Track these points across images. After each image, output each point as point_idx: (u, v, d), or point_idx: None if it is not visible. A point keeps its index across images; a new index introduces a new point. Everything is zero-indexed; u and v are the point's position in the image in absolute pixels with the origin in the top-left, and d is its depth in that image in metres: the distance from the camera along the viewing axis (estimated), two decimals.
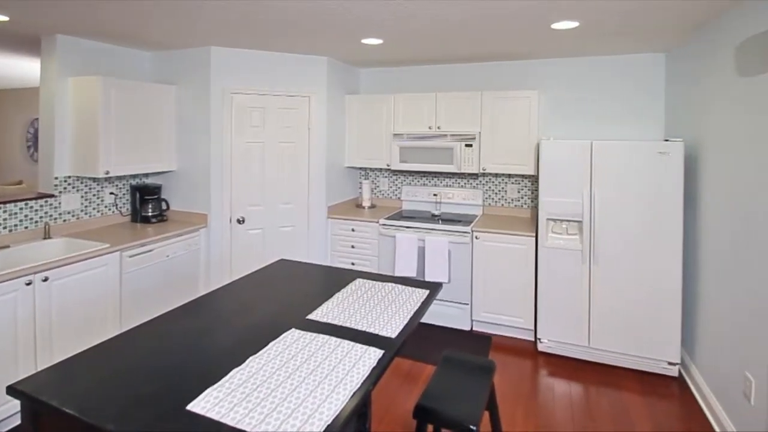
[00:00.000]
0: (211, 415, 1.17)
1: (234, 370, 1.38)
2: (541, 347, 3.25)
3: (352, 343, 1.57)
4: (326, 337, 1.62)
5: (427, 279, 3.61)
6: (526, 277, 3.39)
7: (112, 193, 3.51)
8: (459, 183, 4.23)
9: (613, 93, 3.73)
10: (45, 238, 2.94)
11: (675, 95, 3.34)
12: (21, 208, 2.90)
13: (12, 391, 1.28)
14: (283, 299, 2.00)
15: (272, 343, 1.57)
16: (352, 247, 3.95)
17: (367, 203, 4.35)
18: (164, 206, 3.70)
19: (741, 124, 2.26)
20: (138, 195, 3.53)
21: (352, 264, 3.97)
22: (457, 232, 3.56)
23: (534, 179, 3.96)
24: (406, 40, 3.21)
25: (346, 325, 1.74)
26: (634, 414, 2.55)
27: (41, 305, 2.43)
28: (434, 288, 2.16)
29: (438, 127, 3.93)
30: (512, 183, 4.04)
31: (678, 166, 2.84)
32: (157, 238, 3.13)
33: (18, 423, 2.37)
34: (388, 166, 4.12)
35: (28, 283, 2.37)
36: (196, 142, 3.60)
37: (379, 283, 2.20)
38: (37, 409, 1.27)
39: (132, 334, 1.63)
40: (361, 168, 4.64)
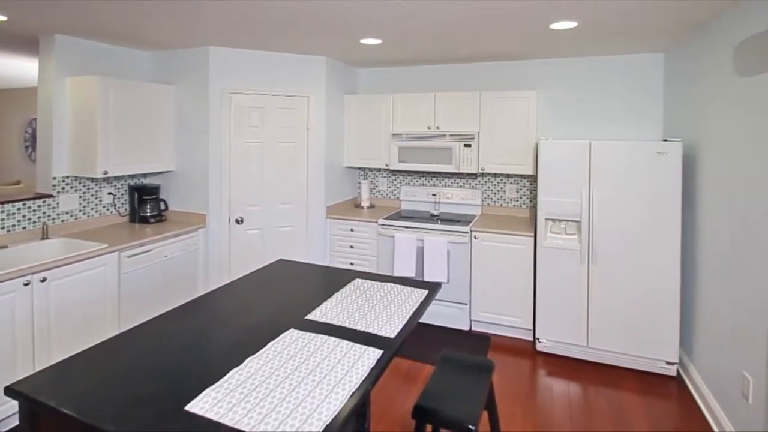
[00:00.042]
0: (209, 416, 1.17)
1: (233, 371, 1.38)
2: (539, 347, 3.26)
3: (351, 343, 1.57)
4: (325, 337, 1.62)
5: (426, 279, 3.61)
6: (524, 277, 3.39)
7: (110, 194, 3.51)
8: (458, 183, 4.23)
9: (611, 93, 3.73)
10: (43, 239, 2.93)
11: (673, 95, 3.34)
12: (19, 209, 2.90)
13: (10, 392, 1.27)
14: (281, 299, 2.00)
15: (271, 344, 1.57)
16: (351, 247, 3.95)
17: (365, 203, 4.35)
18: (163, 206, 3.70)
19: (739, 124, 2.26)
20: (136, 195, 3.52)
21: (351, 264, 3.97)
22: (455, 232, 3.57)
23: (533, 179, 3.97)
24: (405, 40, 3.21)
25: (345, 325, 1.74)
26: (632, 413, 2.55)
27: (39, 306, 2.43)
28: (433, 288, 2.16)
29: (437, 127, 3.93)
30: (511, 183, 4.04)
31: (676, 166, 2.85)
32: (155, 239, 3.12)
33: (16, 424, 2.37)
34: (386, 166, 4.13)
35: (26, 284, 2.36)
36: (194, 142, 3.60)
37: (378, 283, 2.21)
38: (35, 409, 1.26)
39: (130, 334, 1.62)
40: (359, 168, 4.64)
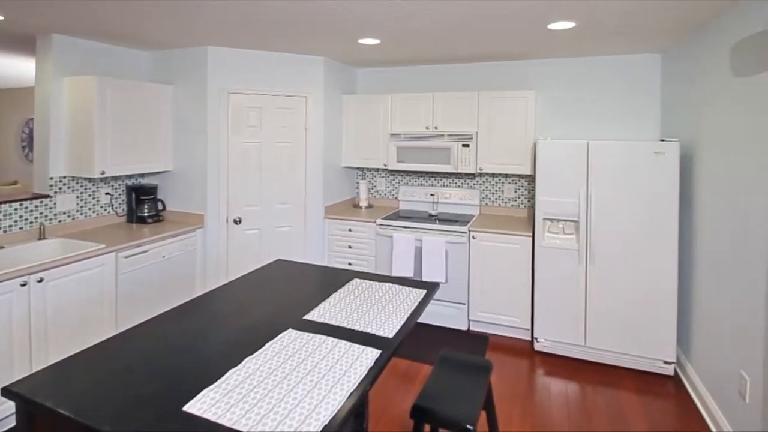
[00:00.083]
0: (207, 416, 1.16)
1: (231, 371, 1.38)
2: (537, 347, 3.26)
3: (349, 344, 1.57)
4: (323, 337, 1.62)
5: (424, 279, 3.61)
6: (522, 277, 3.39)
7: (107, 194, 3.50)
8: (456, 183, 4.23)
9: (609, 93, 3.74)
10: (40, 239, 2.93)
11: (671, 95, 3.35)
12: (16, 209, 2.89)
13: (7, 393, 1.27)
14: (279, 300, 1.99)
15: (269, 344, 1.56)
16: (349, 247, 3.95)
17: (364, 203, 4.35)
18: (160, 206, 3.69)
19: (736, 124, 2.27)
20: (134, 195, 3.51)
21: (349, 264, 3.97)
22: (454, 232, 3.57)
23: (531, 179, 3.97)
24: (405, 40, 3.21)
25: (343, 325, 1.74)
26: (630, 413, 2.56)
27: (36, 306, 2.42)
28: (431, 288, 2.16)
29: (435, 127, 3.93)
30: (509, 183, 4.04)
31: (674, 166, 2.85)
32: (153, 239, 3.12)
33: (13, 425, 2.36)
34: (385, 166, 4.12)
35: (23, 284, 2.35)
36: (192, 142, 3.59)
37: (376, 283, 2.20)
38: (32, 410, 1.26)
39: (128, 335, 1.62)
40: (358, 168, 4.63)
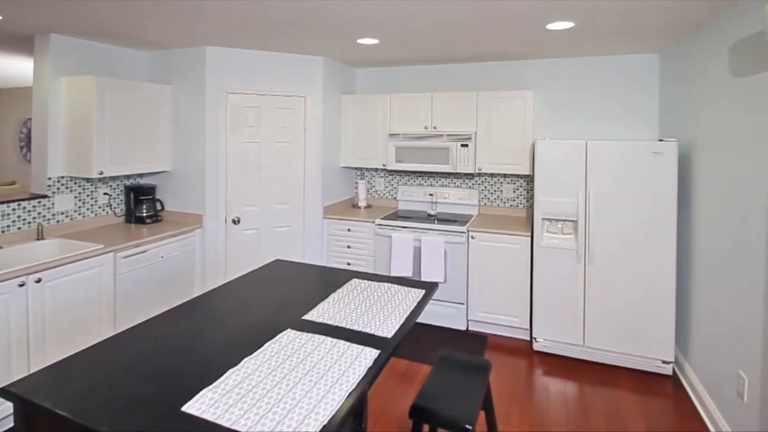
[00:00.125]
0: (206, 417, 1.16)
1: (229, 371, 1.38)
2: (536, 346, 3.26)
3: (348, 344, 1.57)
4: (322, 337, 1.62)
5: (423, 279, 3.61)
6: (521, 277, 3.40)
7: (106, 194, 3.49)
8: (455, 183, 4.23)
9: (608, 93, 3.74)
10: (38, 239, 2.92)
11: (669, 95, 3.36)
12: (14, 209, 2.88)
13: (4, 394, 1.26)
14: (278, 300, 1.99)
15: (268, 344, 1.56)
16: (348, 247, 3.95)
17: (363, 203, 4.35)
18: (159, 207, 3.68)
19: (734, 125, 2.27)
20: (132, 195, 3.51)
21: (348, 264, 3.97)
22: (453, 231, 3.57)
23: (529, 179, 3.98)
24: (404, 40, 3.20)
25: (342, 325, 1.73)
26: (628, 412, 2.56)
27: (34, 307, 2.42)
28: (430, 288, 2.16)
29: (434, 127, 3.93)
30: (508, 183, 4.05)
31: (672, 166, 2.86)
32: (151, 239, 3.11)
33: (11, 425, 2.35)
34: (384, 166, 4.12)
35: (21, 285, 2.35)
36: (191, 142, 3.59)
37: (375, 283, 2.20)
38: (30, 411, 1.26)
39: (126, 335, 1.62)
40: (356, 168, 4.63)
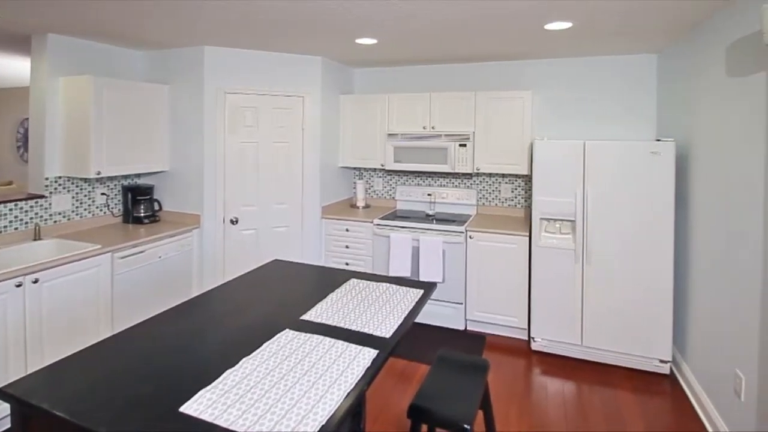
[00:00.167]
0: (204, 417, 1.16)
1: (227, 372, 1.38)
2: (534, 346, 3.27)
3: (347, 344, 1.57)
4: (320, 337, 1.62)
5: (422, 279, 3.61)
6: (519, 277, 3.40)
7: (103, 194, 3.48)
8: (453, 183, 4.24)
9: (606, 93, 3.75)
10: (35, 240, 2.91)
11: (667, 95, 3.37)
12: (11, 209, 2.87)
13: (1, 395, 1.26)
14: (276, 300, 1.99)
15: (266, 344, 1.56)
16: (347, 247, 3.95)
17: (361, 203, 4.35)
18: (156, 207, 3.68)
19: (731, 124, 2.28)
20: (130, 195, 3.50)
21: (347, 264, 3.97)
22: (451, 231, 3.57)
23: (528, 179, 3.98)
24: (404, 40, 3.20)
25: (341, 325, 1.73)
26: (626, 412, 2.56)
27: (31, 307, 2.41)
28: (428, 288, 2.16)
29: (432, 127, 3.93)
30: (506, 183, 4.05)
31: (669, 166, 2.87)
32: (149, 239, 3.10)
33: (8, 427, 2.34)
34: (382, 166, 4.12)
35: (18, 285, 2.34)
36: (189, 142, 3.58)
37: (374, 283, 2.20)
38: (27, 412, 1.25)
39: (124, 335, 1.61)
40: (355, 168, 4.63)
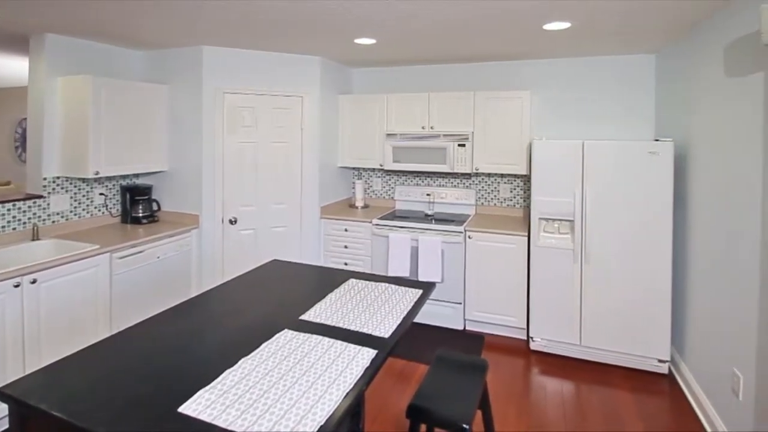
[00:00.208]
0: (203, 417, 1.16)
1: (226, 372, 1.38)
2: (533, 346, 3.27)
3: (345, 344, 1.57)
4: (319, 337, 1.62)
5: (420, 279, 3.61)
6: (518, 277, 3.40)
7: (101, 194, 3.47)
8: (452, 183, 4.24)
9: (605, 93, 3.76)
10: (33, 240, 2.90)
11: (665, 95, 3.37)
12: (9, 209, 2.86)
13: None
14: (275, 300, 1.99)
15: (265, 344, 1.56)
16: (345, 248, 3.95)
17: (360, 203, 4.35)
18: (155, 207, 3.67)
19: (729, 124, 2.28)
20: (128, 195, 3.49)
21: (345, 264, 3.97)
22: (450, 231, 3.57)
23: (526, 179, 3.99)
24: (403, 40, 3.20)
25: (339, 325, 1.73)
26: (624, 411, 2.57)
27: (29, 307, 2.40)
28: (427, 288, 2.16)
29: (431, 127, 3.94)
30: (505, 183, 4.05)
31: (668, 166, 2.87)
32: (147, 239, 3.10)
33: (5, 428, 2.34)
34: (381, 166, 4.12)
35: (16, 285, 2.33)
36: (187, 142, 3.58)
37: (373, 283, 2.20)
38: (25, 413, 1.25)
39: (122, 336, 1.61)
40: (354, 168, 4.63)
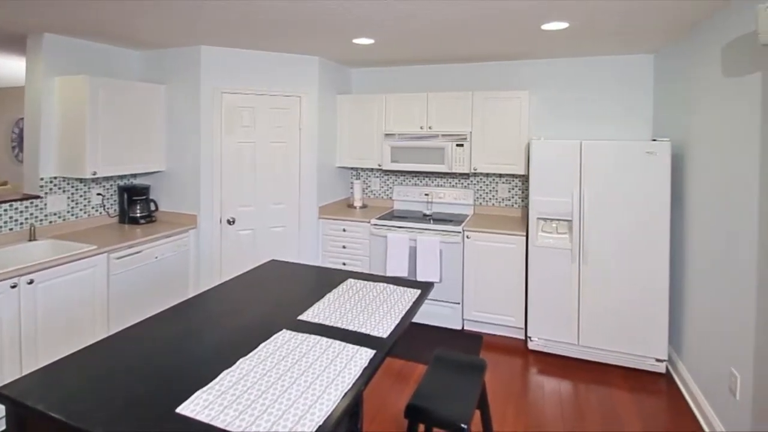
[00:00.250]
0: (200, 418, 1.16)
1: (224, 372, 1.37)
2: (531, 346, 3.28)
3: (344, 344, 1.57)
4: (317, 337, 1.62)
5: (419, 279, 3.61)
6: (516, 276, 3.41)
7: (99, 194, 3.46)
8: (450, 183, 4.24)
9: (603, 93, 3.76)
10: (30, 240, 2.89)
11: (663, 95, 3.38)
12: (6, 210, 2.85)
13: None
14: (273, 300, 1.99)
15: (263, 345, 1.56)
16: (344, 248, 3.95)
17: (358, 203, 4.35)
18: (153, 207, 3.66)
19: (727, 124, 2.29)
20: (126, 196, 3.48)
21: (344, 264, 3.97)
22: (448, 231, 3.57)
23: (524, 179, 3.99)
24: (402, 40, 3.20)
25: (338, 325, 1.73)
26: (622, 411, 2.57)
27: (27, 308, 2.39)
28: (426, 288, 2.16)
29: (429, 127, 3.94)
30: (503, 182, 4.06)
31: (665, 166, 2.88)
32: (145, 240, 3.09)
33: (3, 428, 2.33)
34: (379, 166, 4.12)
35: (13, 286, 2.33)
36: (185, 141, 3.57)
37: (371, 283, 2.20)
38: (23, 413, 1.25)
39: (120, 336, 1.61)
40: (352, 168, 4.63)
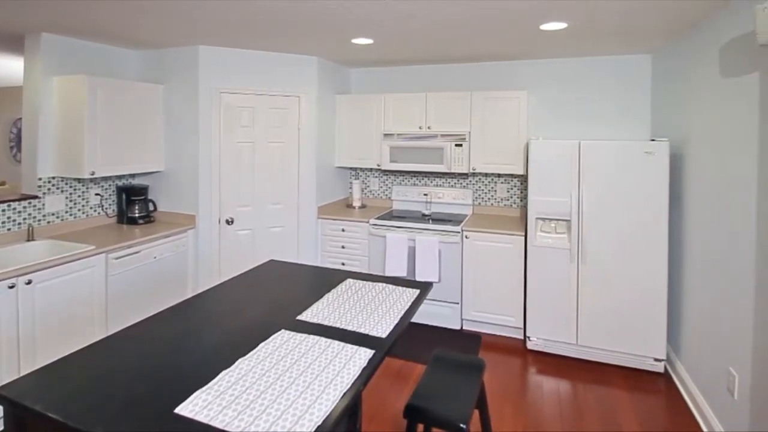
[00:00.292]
0: (199, 418, 1.16)
1: (223, 372, 1.37)
2: (530, 345, 3.28)
3: (343, 344, 1.57)
4: (316, 337, 1.62)
5: (418, 279, 3.62)
6: (515, 276, 3.41)
7: (97, 194, 3.46)
8: (449, 183, 4.24)
9: (602, 93, 3.77)
10: (28, 240, 2.88)
11: (661, 96, 3.39)
12: (3, 210, 2.85)
13: None
14: (272, 300, 1.98)
15: (262, 345, 1.56)
16: (343, 248, 3.94)
17: (357, 203, 4.35)
18: (151, 207, 3.66)
19: (725, 124, 2.30)
20: (124, 196, 3.48)
21: (343, 264, 3.97)
22: (447, 231, 3.58)
23: (523, 179, 3.99)
24: (401, 40, 3.20)
25: (337, 325, 1.73)
26: (621, 410, 2.58)
27: (24, 308, 2.39)
28: (424, 288, 2.16)
29: (428, 127, 3.94)
30: (502, 182, 4.06)
31: (664, 166, 2.88)
32: (143, 240, 3.09)
33: (1, 429, 2.33)
34: (378, 166, 4.12)
35: (11, 286, 2.32)
36: (184, 142, 3.56)
37: (370, 283, 2.20)
38: (21, 414, 1.24)
39: (118, 336, 1.60)
40: (351, 168, 4.63)
